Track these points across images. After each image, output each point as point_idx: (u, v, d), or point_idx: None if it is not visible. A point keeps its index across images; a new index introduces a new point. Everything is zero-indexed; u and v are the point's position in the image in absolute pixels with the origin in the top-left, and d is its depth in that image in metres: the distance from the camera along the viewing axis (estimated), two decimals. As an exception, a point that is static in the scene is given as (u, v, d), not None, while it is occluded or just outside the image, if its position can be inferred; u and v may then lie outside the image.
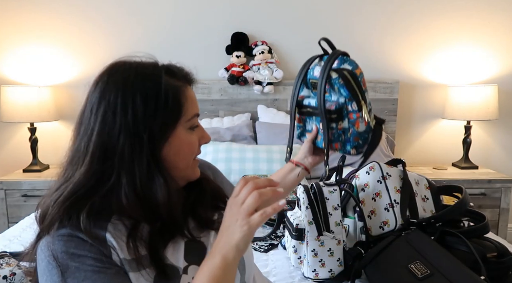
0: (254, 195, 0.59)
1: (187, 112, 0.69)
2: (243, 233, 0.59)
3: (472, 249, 0.94)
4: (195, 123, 0.71)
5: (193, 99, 0.71)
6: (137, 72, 0.69)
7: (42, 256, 0.60)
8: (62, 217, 0.62)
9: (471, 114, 2.56)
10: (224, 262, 0.59)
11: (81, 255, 0.59)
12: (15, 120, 2.50)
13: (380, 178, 1.20)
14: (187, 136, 0.69)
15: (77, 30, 2.67)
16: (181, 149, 0.69)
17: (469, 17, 2.68)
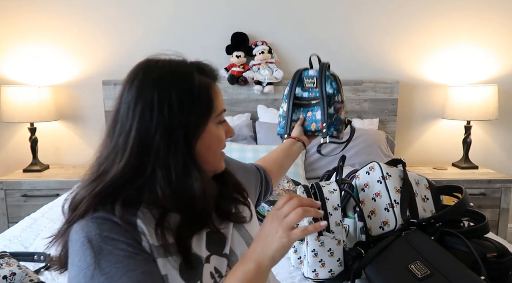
0: (298, 212, 0.63)
1: (217, 108, 0.72)
2: (281, 244, 0.62)
3: (472, 249, 0.94)
4: (223, 118, 0.75)
5: (220, 95, 0.75)
6: (170, 70, 0.72)
7: (76, 237, 0.62)
8: (97, 205, 0.64)
9: (471, 114, 2.56)
10: (258, 269, 0.62)
11: (114, 238, 0.61)
12: (15, 120, 2.50)
13: (380, 178, 1.20)
14: (217, 131, 0.73)
15: (77, 30, 2.67)
16: (212, 143, 0.72)
17: (469, 17, 2.68)
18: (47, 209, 1.87)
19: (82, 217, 0.64)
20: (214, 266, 0.69)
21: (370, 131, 2.53)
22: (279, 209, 0.65)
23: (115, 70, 2.71)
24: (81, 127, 2.79)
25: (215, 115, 0.72)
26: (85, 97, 2.74)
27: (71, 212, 0.68)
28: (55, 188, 2.41)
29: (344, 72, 2.72)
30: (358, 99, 2.70)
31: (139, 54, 2.94)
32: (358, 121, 2.64)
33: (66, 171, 2.64)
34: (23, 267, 1.13)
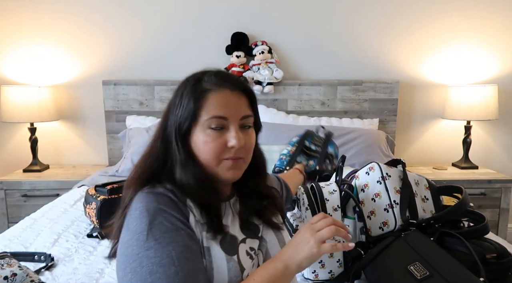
0: (332, 229, 0.73)
1: (206, 113, 0.77)
2: (311, 253, 0.72)
3: (471, 250, 0.94)
4: (213, 125, 0.77)
5: (220, 102, 0.78)
6: (187, 78, 0.84)
7: (136, 206, 0.73)
8: (148, 183, 0.78)
9: (471, 114, 2.56)
10: (285, 270, 0.72)
11: (167, 211, 0.72)
12: (15, 120, 2.51)
13: (379, 179, 1.19)
14: (204, 136, 0.77)
15: (77, 30, 2.67)
16: (200, 146, 0.78)
17: (469, 17, 2.68)
18: (47, 209, 1.87)
19: (139, 186, 0.77)
20: (249, 246, 0.81)
21: (370, 131, 2.53)
22: (313, 223, 0.76)
23: (115, 70, 2.71)
24: (81, 127, 2.79)
25: (202, 119, 0.77)
26: (85, 97, 2.74)
27: (127, 189, 0.80)
28: (55, 188, 2.41)
29: (344, 72, 2.73)
30: (358, 99, 2.70)
31: (139, 54, 2.98)
32: (358, 121, 2.64)
33: (66, 171, 2.64)
34: (24, 268, 1.13)
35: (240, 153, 0.79)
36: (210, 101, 0.78)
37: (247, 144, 0.81)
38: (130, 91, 2.67)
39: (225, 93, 0.79)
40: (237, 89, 0.80)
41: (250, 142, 0.82)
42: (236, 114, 0.79)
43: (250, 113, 0.82)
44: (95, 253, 1.41)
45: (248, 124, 0.82)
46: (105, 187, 1.58)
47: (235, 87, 0.80)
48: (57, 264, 1.32)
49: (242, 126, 0.80)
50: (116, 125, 2.71)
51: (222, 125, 0.78)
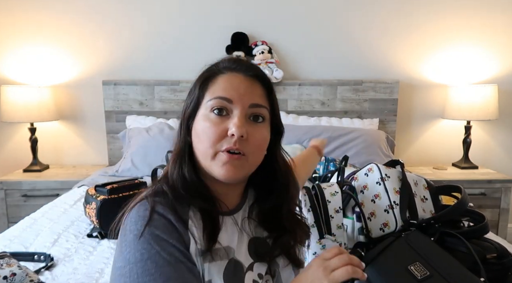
0: (348, 270, 0.63)
1: (210, 95, 0.70)
2: None
3: (471, 250, 0.94)
4: (215, 107, 0.68)
5: (227, 84, 0.70)
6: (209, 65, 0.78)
7: (130, 226, 0.63)
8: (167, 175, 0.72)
9: (471, 114, 2.56)
10: None
11: (165, 239, 0.62)
12: (15, 120, 2.51)
13: (379, 180, 1.19)
14: (204, 121, 0.69)
15: (77, 30, 2.67)
16: (199, 134, 0.69)
17: (469, 17, 2.68)
18: (47, 209, 1.87)
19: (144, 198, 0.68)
20: (257, 273, 0.71)
21: (370, 131, 2.53)
22: (327, 259, 0.65)
23: (115, 70, 2.71)
24: (81, 127, 2.79)
25: (205, 101, 0.70)
26: (85, 97, 2.74)
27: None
28: (55, 188, 2.41)
29: (344, 72, 2.73)
30: (358, 99, 2.70)
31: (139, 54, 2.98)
32: (358, 121, 2.64)
33: (66, 171, 2.64)
34: (23, 267, 1.14)
35: (241, 147, 0.66)
36: (218, 82, 0.70)
37: (252, 139, 0.68)
38: (130, 91, 2.67)
39: (236, 76, 0.71)
40: (252, 75, 0.71)
41: (257, 137, 0.69)
42: (244, 99, 0.68)
43: (263, 103, 0.71)
44: (95, 253, 1.41)
45: (259, 115, 0.70)
46: (105, 187, 1.58)
47: (249, 72, 0.71)
48: (57, 264, 1.32)
49: (252, 116, 0.69)
50: (116, 125, 2.71)
51: (225, 109, 0.68)
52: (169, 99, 2.69)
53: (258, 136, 0.70)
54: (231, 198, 0.74)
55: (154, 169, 1.68)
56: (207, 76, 0.72)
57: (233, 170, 0.67)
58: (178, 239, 0.63)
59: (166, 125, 2.53)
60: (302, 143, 2.39)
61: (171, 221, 0.64)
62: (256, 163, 0.72)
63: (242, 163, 0.68)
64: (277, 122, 0.77)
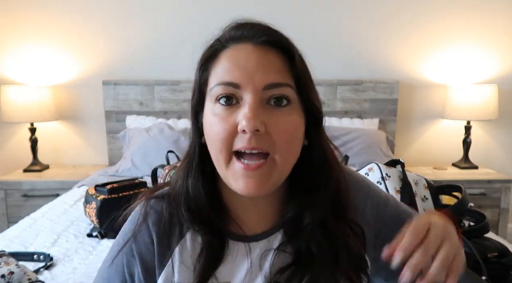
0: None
1: (213, 80, 0.53)
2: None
3: (473, 249, 0.94)
4: (219, 96, 0.52)
5: (231, 62, 0.52)
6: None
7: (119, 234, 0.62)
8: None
9: (471, 114, 2.56)
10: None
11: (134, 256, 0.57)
12: (15, 120, 2.50)
13: (379, 179, 1.20)
14: (211, 115, 0.53)
15: (77, 30, 2.67)
16: (207, 132, 0.54)
17: (469, 17, 2.68)
18: (47, 209, 1.87)
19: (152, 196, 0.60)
20: None
21: (370, 131, 2.53)
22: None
23: (115, 70, 2.70)
24: (81, 127, 2.78)
25: (209, 89, 0.54)
26: (85, 97, 2.74)
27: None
28: (55, 188, 2.40)
29: (344, 72, 2.73)
30: (358, 99, 2.70)
31: (139, 54, 2.97)
32: (358, 121, 2.63)
33: (66, 171, 2.64)
34: (22, 266, 1.13)
35: (260, 145, 0.49)
36: (221, 61, 0.53)
37: (275, 130, 0.50)
38: (130, 91, 2.67)
39: (242, 48, 0.52)
40: (263, 42, 0.52)
41: (283, 126, 0.50)
42: (255, 80, 0.50)
43: (283, 80, 0.51)
44: (94, 253, 1.41)
45: (280, 96, 0.51)
46: (105, 187, 1.58)
47: (259, 39, 0.52)
48: (57, 264, 1.32)
49: (272, 100, 0.51)
50: (116, 125, 2.71)
51: (234, 96, 0.51)
52: (169, 99, 2.69)
53: (284, 124, 0.51)
54: (257, 218, 0.57)
55: (154, 169, 1.68)
56: (209, 56, 0.56)
57: (254, 183, 0.50)
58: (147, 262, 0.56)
59: (166, 125, 2.53)
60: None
61: (153, 242, 0.56)
62: (289, 163, 0.53)
63: (267, 169, 0.50)
64: (311, 102, 0.54)
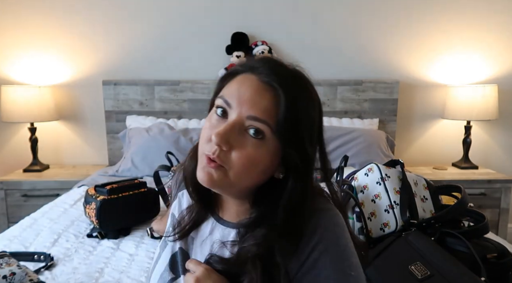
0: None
1: (221, 92, 0.64)
2: None
3: (472, 250, 0.94)
4: (217, 106, 0.63)
5: (235, 86, 0.62)
6: None
7: None
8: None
9: (471, 114, 2.56)
10: None
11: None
12: (15, 120, 2.50)
13: (379, 180, 1.20)
14: (208, 118, 0.65)
15: (77, 30, 2.67)
16: (202, 127, 0.66)
17: (469, 17, 2.68)
18: (47, 209, 1.87)
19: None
20: None
21: (370, 131, 2.53)
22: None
23: (115, 70, 2.71)
24: (81, 127, 2.79)
25: (217, 96, 0.64)
26: (85, 97, 2.74)
27: None
28: (55, 188, 2.41)
29: (344, 72, 2.73)
30: (358, 99, 2.70)
31: (139, 54, 2.97)
32: (358, 121, 2.64)
33: (66, 171, 2.64)
34: (23, 267, 1.13)
35: (220, 159, 0.59)
36: (233, 81, 0.63)
37: (236, 154, 0.59)
38: (130, 91, 2.67)
39: (249, 79, 0.61)
40: (266, 81, 0.60)
41: (243, 155, 0.59)
42: (243, 108, 0.59)
43: (263, 117, 0.58)
44: (94, 253, 1.41)
45: (256, 129, 0.59)
46: (105, 187, 1.58)
47: (264, 78, 0.60)
48: (57, 264, 1.32)
49: (249, 129, 0.59)
50: (116, 125, 2.71)
51: (225, 111, 0.62)
52: (169, 99, 2.69)
53: (246, 152, 0.59)
54: (230, 210, 0.71)
55: (156, 172, 1.68)
56: (230, 73, 0.66)
57: (209, 177, 0.60)
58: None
59: (166, 125, 2.53)
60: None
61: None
62: (242, 182, 0.61)
63: (220, 175, 0.60)
64: (289, 149, 0.60)
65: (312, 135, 0.63)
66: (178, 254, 0.73)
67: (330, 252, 0.60)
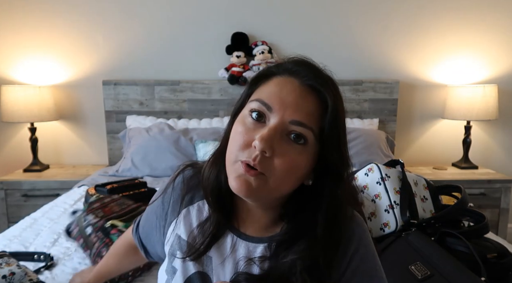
0: None
1: (254, 95, 0.61)
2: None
3: (472, 250, 0.94)
4: (252, 109, 0.59)
5: (275, 88, 0.60)
6: None
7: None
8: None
9: (471, 114, 2.56)
10: None
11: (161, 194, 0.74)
12: (15, 120, 2.50)
13: (379, 180, 1.20)
14: (240, 124, 0.60)
15: (77, 30, 2.67)
16: (232, 133, 0.61)
17: (469, 17, 2.68)
18: (47, 209, 1.87)
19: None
20: None
21: (370, 131, 2.53)
22: None
23: (115, 70, 2.71)
24: (81, 127, 2.79)
25: (250, 100, 0.62)
26: (85, 97, 2.74)
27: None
28: (55, 188, 2.41)
29: (344, 72, 2.73)
30: (358, 99, 2.70)
31: (139, 54, 2.97)
32: (358, 121, 2.64)
33: (66, 171, 2.64)
34: (23, 267, 1.13)
35: (261, 165, 0.56)
36: (269, 83, 0.61)
37: (278, 160, 0.56)
38: (130, 91, 2.67)
39: (290, 82, 0.60)
40: (309, 84, 0.59)
41: (286, 161, 0.56)
42: (286, 112, 0.57)
43: (308, 123, 0.57)
44: (95, 253, 1.41)
45: (299, 134, 0.57)
46: (105, 187, 1.58)
47: (308, 81, 0.59)
48: (57, 264, 1.32)
49: (293, 135, 0.57)
50: (116, 125, 2.71)
51: (262, 115, 0.58)
52: (169, 99, 2.69)
53: (290, 158, 0.56)
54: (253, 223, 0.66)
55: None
56: (263, 74, 0.63)
57: (246, 186, 0.57)
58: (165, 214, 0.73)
59: (166, 125, 2.53)
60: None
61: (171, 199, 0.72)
62: (280, 189, 0.59)
63: (260, 183, 0.57)
64: (330, 155, 0.59)
65: (346, 139, 0.62)
66: (194, 279, 0.64)
67: (367, 261, 0.62)
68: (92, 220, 1.17)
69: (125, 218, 1.20)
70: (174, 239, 0.69)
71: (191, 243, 0.66)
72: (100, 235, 1.14)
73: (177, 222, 0.70)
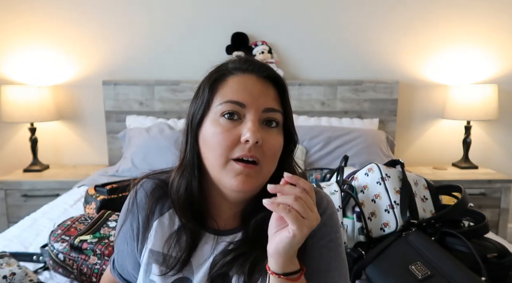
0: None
1: (220, 98, 0.64)
2: None
3: (472, 249, 0.94)
4: (226, 111, 0.63)
5: (239, 86, 0.64)
6: (216, 65, 0.73)
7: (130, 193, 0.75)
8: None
9: (471, 114, 2.56)
10: None
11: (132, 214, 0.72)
12: (15, 120, 2.50)
13: (379, 180, 1.20)
14: (214, 126, 0.63)
15: (77, 30, 2.67)
16: (207, 140, 0.64)
17: (469, 17, 2.68)
18: (47, 209, 1.87)
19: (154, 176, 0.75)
20: None
21: (370, 131, 2.53)
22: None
23: (115, 70, 2.71)
24: (81, 127, 2.78)
25: (215, 105, 0.64)
26: (85, 97, 2.74)
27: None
28: (55, 188, 2.40)
29: (344, 72, 2.73)
30: (358, 99, 2.70)
31: (139, 54, 2.98)
32: (358, 121, 2.64)
33: (66, 171, 2.64)
34: (23, 267, 1.13)
35: (255, 154, 0.61)
36: (229, 84, 0.65)
37: (266, 146, 0.62)
38: (130, 91, 2.67)
39: (249, 78, 0.65)
40: (265, 76, 0.66)
41: (272, 143, 0.63)
42: (258, 103, 0.63)
43: (277, 107, 0.65)
44: (95, 253, 1.41)
45: (273, 119, 0.64)
46: (104, 187, 1.58)
47: (262, 74, 0.65)
48: (57, 264, 1.32)
49: (265, 121, 0.64)
50: (116, 125, 2.71)
51: (237, 113, 0.63)
52: (169, 99, 2.69)
53: (273, 142, 0.64)
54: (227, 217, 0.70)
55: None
56: (216, 78, 0.67)
57: (247, 180, 0.61)
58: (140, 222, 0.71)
59: (166, 125, 2.53)
60: (302, 143, 2.39)
61: (139, 217, 0.71)
62: (269, 173, 0.65)
63: (255, 172, 0.62)
64: (290, 128, 0.68)
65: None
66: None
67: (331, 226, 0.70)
68: (60, 246, 1.16)
69: (91, 231, 1.19)
70: (149, 253, 0.69)
71: (166, 253, 0.67)
72: (73, 255, 1.13)
73: (150, 236, 0.70)
